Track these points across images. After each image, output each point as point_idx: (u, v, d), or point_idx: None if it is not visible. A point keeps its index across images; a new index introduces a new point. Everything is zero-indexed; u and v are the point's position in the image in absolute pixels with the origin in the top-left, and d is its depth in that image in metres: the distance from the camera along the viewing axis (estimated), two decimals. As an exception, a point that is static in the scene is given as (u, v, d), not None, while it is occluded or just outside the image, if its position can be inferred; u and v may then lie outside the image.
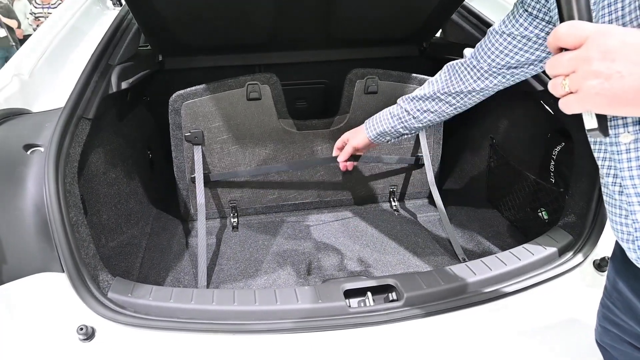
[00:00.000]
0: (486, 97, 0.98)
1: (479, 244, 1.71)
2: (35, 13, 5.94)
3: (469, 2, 1.98)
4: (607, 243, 1.18)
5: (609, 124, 0.56)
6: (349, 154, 1.19)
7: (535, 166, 1.62)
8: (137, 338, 0.96)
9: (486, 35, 0.89)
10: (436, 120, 1.05)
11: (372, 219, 1.90)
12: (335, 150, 1.25)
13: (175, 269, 1.57)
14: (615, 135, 0.56)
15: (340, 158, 1.21)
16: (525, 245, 1.24)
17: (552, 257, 1.20)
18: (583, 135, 0.76)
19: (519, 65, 0.85)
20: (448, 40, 2.10)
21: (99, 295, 1.00)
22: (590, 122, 0.48)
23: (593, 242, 1.19)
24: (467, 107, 1.01)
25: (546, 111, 1.48)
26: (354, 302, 1.09)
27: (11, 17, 5.86)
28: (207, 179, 1.73)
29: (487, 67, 0.89)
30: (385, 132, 1.11)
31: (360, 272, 1.54)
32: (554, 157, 1.51)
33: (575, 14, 0.49)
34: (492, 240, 1.71)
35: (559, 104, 0.48)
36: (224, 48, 1.95)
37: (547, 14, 0.77)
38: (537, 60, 0.84)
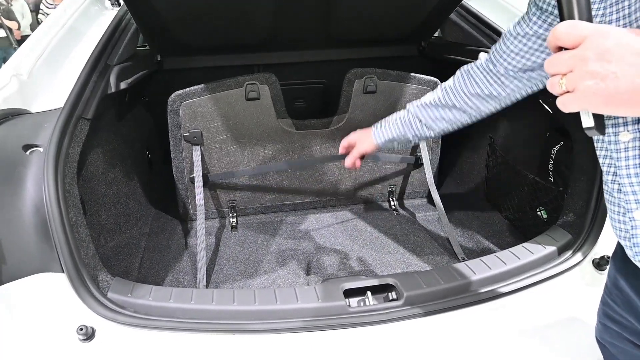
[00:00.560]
0: (502, 107, 0.96)
1: (478, 243, 1.71)
2: (47, 13, 5.93)
3: (467, 1, 1.98)
4: (606, 242, 1.18)
5: (609, 122, 0.57)
6: (356, 158, 1.18)
7: (534, 165, 1.62)
8: (137, 338, 0.96)
9: (501, 38, 0.89)
10: (449, 130, 1.02)
11: (372, 219, 1.90)
12: (341, 149, 1.23)
13: (174, 269, 1.57)
14: (615, 134, 0.57)
15: (347, 163, 1.19)
16: (525, 244, 1.24)
17: (551, 256, 1.20)
18: (582, 134, 0.76)
19: (535, 67, 0.85)
20: (446, 39, 2.10)
21: (99, 296, 1.00)
22: (587, 121, 0.48)
23: (592, 241, 1.19)
24: (482, 117, 0.99)
25: (545, 110, 1.48)
26: (354, 301, 1.10)
27: (11, 18, 5.84)
28: (206, 179, 1.73)
29: (504, 71, 0.89)
30: (394, 138, 1.10)
31: (360, 271, 1.54)
32: (553, 156, 1.51)
33: (575, 13, 0.49)
34: (491, 240, 1.71)
35: (556, 102, 0.48)
36: (223, 48, 1.95)
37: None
38: None
